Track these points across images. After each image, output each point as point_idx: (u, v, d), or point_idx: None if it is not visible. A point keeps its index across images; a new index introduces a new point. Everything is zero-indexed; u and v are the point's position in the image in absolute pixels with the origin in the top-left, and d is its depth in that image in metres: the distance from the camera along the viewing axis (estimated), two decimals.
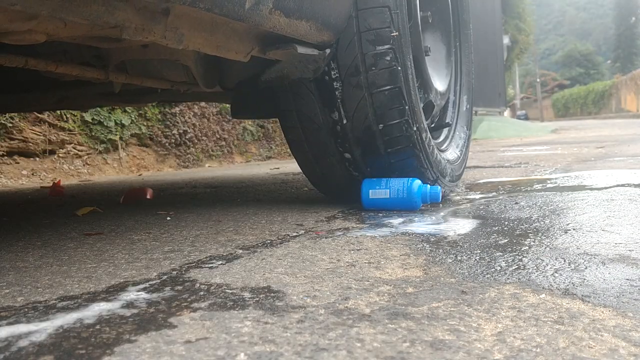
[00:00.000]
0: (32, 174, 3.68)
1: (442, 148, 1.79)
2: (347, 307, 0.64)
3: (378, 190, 1.41)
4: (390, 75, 1.34)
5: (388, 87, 1.35)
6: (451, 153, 1.82)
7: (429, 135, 1.52)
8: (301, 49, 1.19)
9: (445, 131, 1.92)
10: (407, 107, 1.37)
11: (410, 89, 1.39)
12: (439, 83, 1.81)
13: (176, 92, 1.98)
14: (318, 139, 1.47)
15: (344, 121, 1.40)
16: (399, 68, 1.34)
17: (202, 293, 0.72)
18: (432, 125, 1.76)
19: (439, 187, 1.44)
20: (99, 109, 4.19)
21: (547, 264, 0.81)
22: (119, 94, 1.92)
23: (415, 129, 1.40)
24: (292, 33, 1.12)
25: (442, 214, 1.35)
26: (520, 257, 0.86)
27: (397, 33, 1.32)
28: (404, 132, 1.39)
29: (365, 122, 1.38)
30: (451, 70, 1.98)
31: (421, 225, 1.20)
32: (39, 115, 3.78)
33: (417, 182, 1.39)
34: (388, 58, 1.33)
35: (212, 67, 1.36)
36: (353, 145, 1.43)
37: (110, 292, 0.74)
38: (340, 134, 1.42)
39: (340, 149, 1.45)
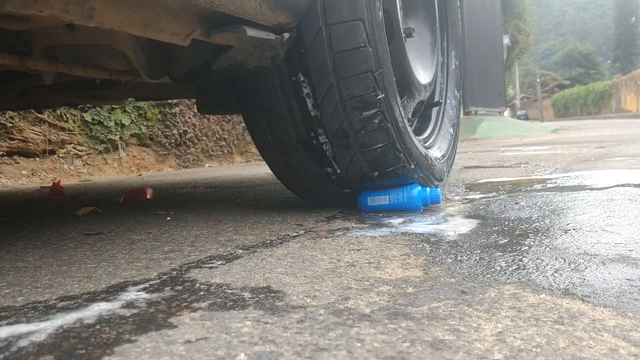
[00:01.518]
0: (32, 174, 3.68)
1: (430, 142, 1.70)
2: (347, 307, 0.64)
3: (377, 197, 1.41)
4: (380, 135, 1.27)
5: (380, 145, 1.28)
6: (444, 136, 1.72)
7: (429, 157, 1.47)
8: (252, 32, 1.03)
9: (434, 113, 1.78)
10: (402, 155, 1.32)
11: (403, 136, 1.32)
12: (425, 73, 1.69)
13: (159, 88, 1.86)
14: (315, 183, 1.42)
15: (339, 171, 1.34)
16: (389, 125, 1.27)
17: (202, 293, 0.72)
18: (422, 110, 1.69)
19: (439, 189, 1.44)
20: (99, 108, 4.20)
21: (547, 264, 0.81)
22: (86, 89, 1.78)
23: (413, 166, 1.37)
24: (238, 12, 0.96)
25: (442, 214, 1.35)
26: (520, 257, 0.86)
27: (383, 95, 1.24)
28: (401, 174, 1.35)
29: (360, 171, 1.33)
30: (436, 36, 1.80)
31: (421, 225, 1.20)
32: (39, 115, 3.78)
33: (417, 188, 1.39)
34: (376, 121, 1.25)
35: (156, 54, 1.19)
36: (352, 184, 1.39)
37: (110, 292, 0.74)
38: (336, 181, 1.38)
39: (339, 188, 1.41)
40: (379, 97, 1.23)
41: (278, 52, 1.14)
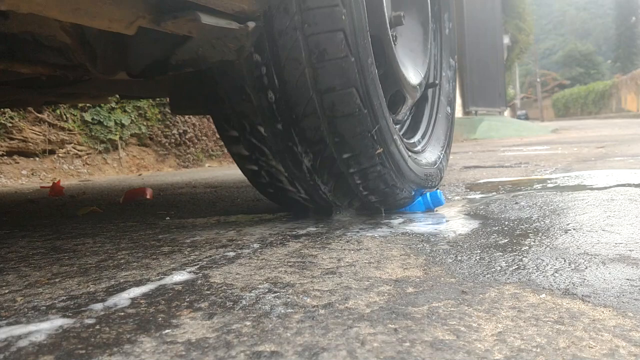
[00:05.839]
0: (32, 174, 3.69)
1: (424, 143, 1.59)
2: (347, 307, 0.64)
3: None
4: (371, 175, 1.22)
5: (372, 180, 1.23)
6: (437, 134, 1.60)
7: (422, 174, 1.40)
8: (208, 19, 0.91)
9: (429, 104, 1.66)
10: (397, 185, 1.28)
11: (401, 170, 1.27)
12: (416, 69, 1.55)
13: (129, 86, 1.66)
14: (294, 197, 1.38)
15: (322, 187, 1.30)
16: (386, 168, 1.22)
17: (202, 293, 0.72)
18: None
19: (440, 191, 1.44)
20: (98, 108, 4.19)
21: (547, 264, 0.81)
22: (53, 86, 1.54)
23: (405, 193, 1.32)
24: None
25: (442, 213, 1.35)
26: (520, 257, 0.86)
27: (381, 149, 1.19)
28: (390, 199, 1.32)
29: (349, 190, 1.30)
30: (427, 17, 1.63)
31: (421, 225, 1.20)
32: (39, 115, 3.78)
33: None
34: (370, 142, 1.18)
35: (108, 46, 1.05)
36: (335, 201, 1.35)
37: (110, 292, 0.73)
38: (316, 195, 1.34)
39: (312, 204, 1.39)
40: (378, 151, 1.16)
41: (244, 44, 1.01)
